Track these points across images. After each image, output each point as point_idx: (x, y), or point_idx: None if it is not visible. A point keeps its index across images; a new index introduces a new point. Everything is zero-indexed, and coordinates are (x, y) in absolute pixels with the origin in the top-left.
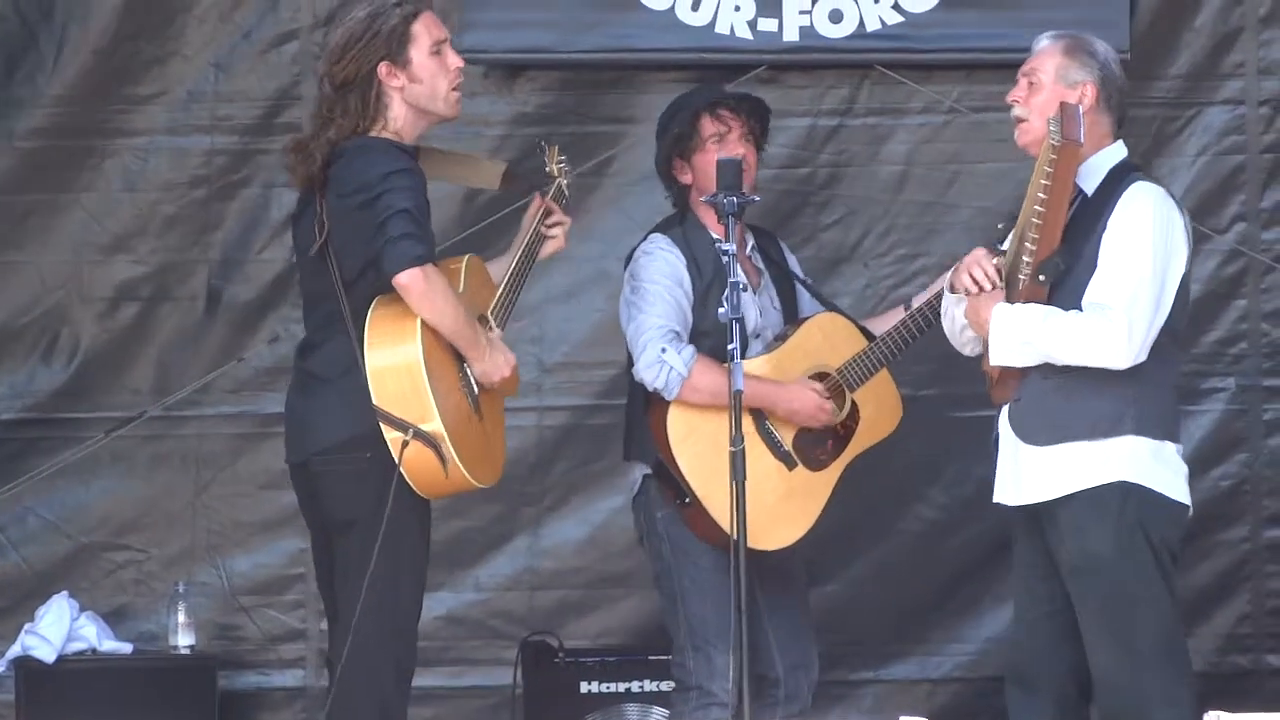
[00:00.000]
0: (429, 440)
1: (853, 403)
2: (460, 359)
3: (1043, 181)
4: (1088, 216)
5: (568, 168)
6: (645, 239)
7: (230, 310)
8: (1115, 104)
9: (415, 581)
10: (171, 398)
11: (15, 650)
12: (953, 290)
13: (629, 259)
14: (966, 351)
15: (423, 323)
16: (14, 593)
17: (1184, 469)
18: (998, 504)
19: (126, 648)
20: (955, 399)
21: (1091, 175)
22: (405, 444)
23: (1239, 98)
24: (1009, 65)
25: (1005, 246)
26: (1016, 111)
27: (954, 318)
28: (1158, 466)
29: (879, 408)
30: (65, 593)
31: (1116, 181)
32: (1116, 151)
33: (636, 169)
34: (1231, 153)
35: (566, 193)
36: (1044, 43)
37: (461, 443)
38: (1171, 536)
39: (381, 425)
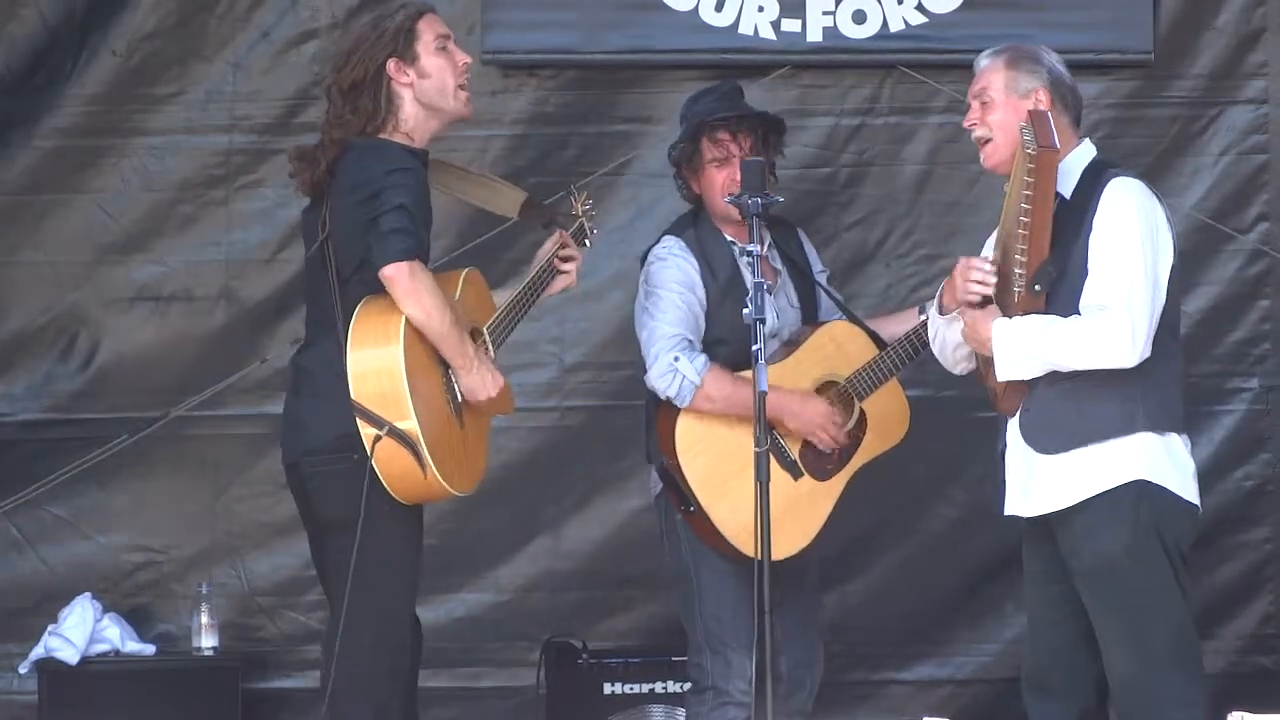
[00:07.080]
0: (404, 439)
1: (861, 412)
2: (447, 366)
3: (1024, 192)
4: (1071, 219)
5: (594, 212)
6: (658, 242)
7: (249, 311)
8: (1070, 103)
9: (404, 582)
10: (191, 399)
11: (38, 651)
12: (942, 312)
13: (643, 261)
14: (958, 370)
15: (408, 323)
16: (35, 594)
17: (1192, 466)
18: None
19: (150, 649)
20: (977, 400)
21: (1066, 177)
22: (378, 439)
23: (1261, 97)
24: None
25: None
26: (978, 133)
27: (944, 339)
28: (1170, 465)
29: (887, 417)
30: (89, 594)
31: (1093, 180)
32: (1086, 151)
33: (657, 169)
34: (1254, 152)
35: (589, 234)
36: (985, 61)
37: (437, 447)
38: (1184, 538)
39: (358, 420)
